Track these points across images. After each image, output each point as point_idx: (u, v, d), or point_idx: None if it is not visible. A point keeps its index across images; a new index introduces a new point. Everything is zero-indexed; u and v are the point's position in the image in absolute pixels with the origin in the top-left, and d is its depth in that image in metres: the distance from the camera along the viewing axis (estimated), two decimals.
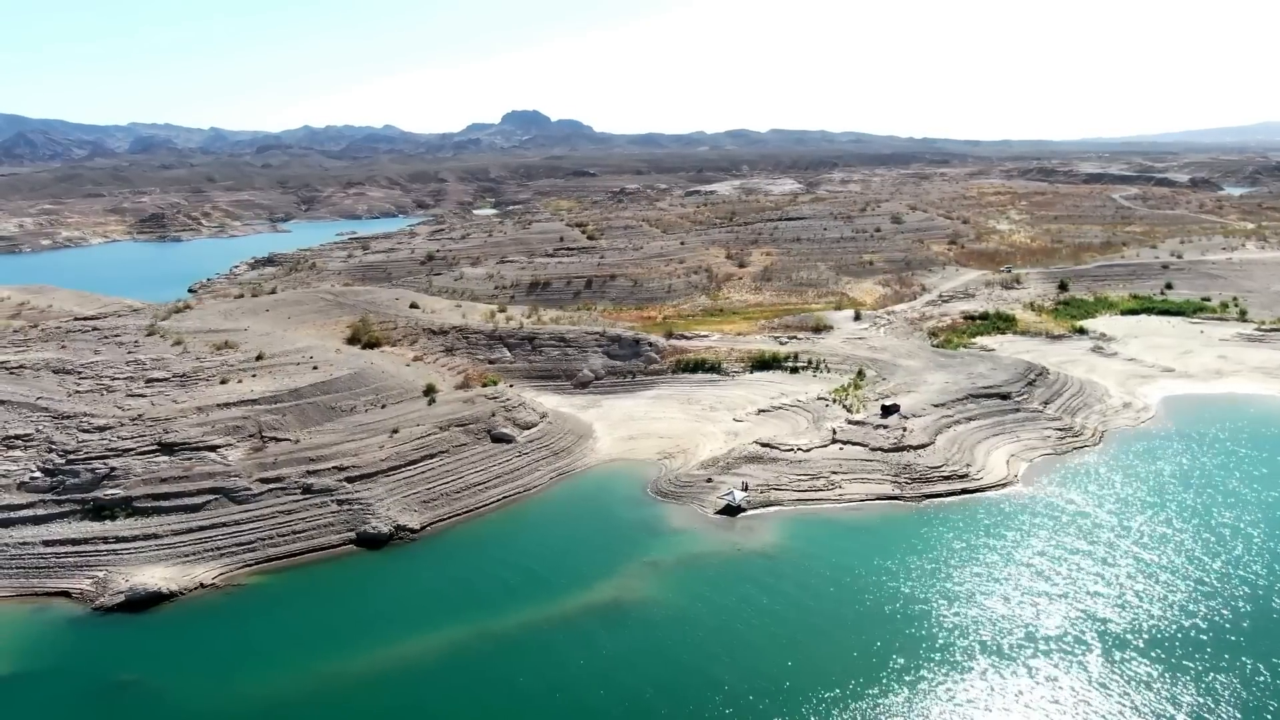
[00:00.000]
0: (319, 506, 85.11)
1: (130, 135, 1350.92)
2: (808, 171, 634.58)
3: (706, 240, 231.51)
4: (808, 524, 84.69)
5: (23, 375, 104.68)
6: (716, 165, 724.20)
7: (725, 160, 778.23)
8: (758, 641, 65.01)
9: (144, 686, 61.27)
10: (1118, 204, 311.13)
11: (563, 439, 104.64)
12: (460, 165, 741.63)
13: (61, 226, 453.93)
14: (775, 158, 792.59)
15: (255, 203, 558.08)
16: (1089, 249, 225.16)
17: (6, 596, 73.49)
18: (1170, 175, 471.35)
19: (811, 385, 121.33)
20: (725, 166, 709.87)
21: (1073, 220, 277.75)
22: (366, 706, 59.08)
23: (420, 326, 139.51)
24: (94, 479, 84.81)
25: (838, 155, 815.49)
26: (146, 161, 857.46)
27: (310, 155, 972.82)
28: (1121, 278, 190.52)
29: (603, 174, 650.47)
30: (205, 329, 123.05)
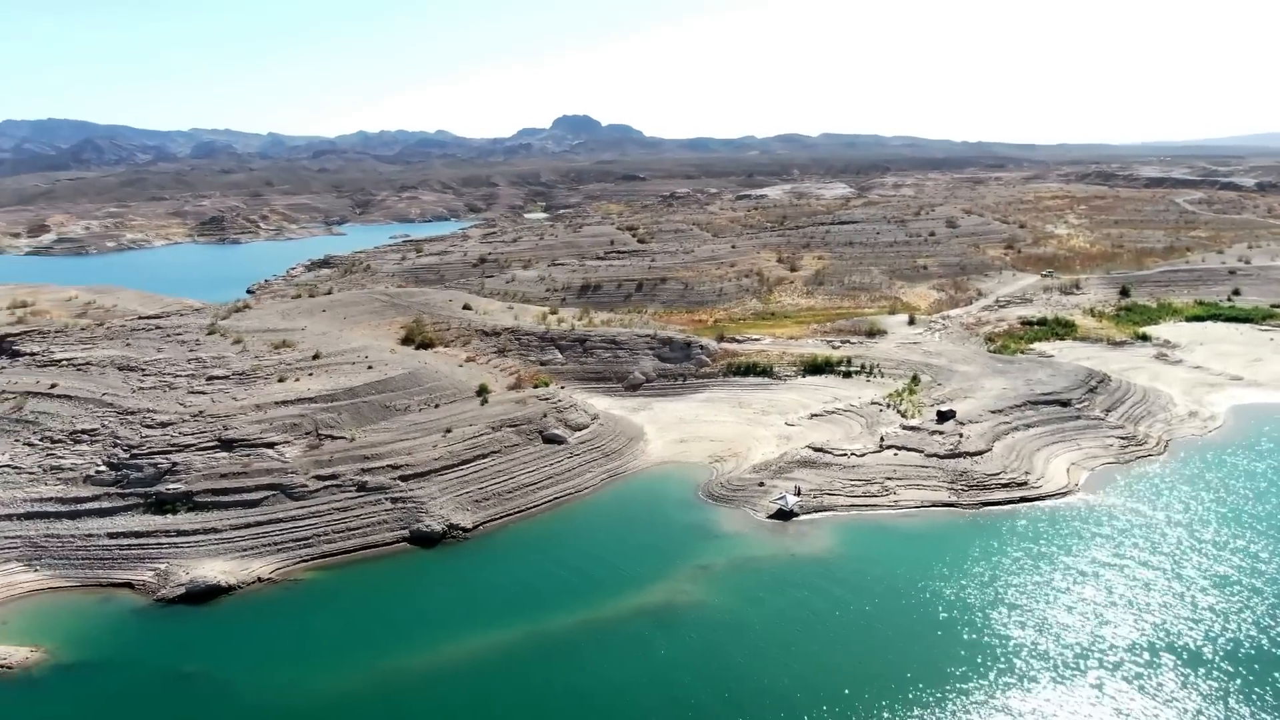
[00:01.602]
0: (373, 504, 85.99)
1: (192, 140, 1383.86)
2: (859, 175, 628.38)
3: (757, 244, 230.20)
4: (861, 530, 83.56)
5: (89, 372, 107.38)
6: (767, 169, 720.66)
7: (776, 164, 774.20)
8: (813, 647, 64.20)
9: (205, 678, 62.27)
10: (1181, 208, 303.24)
11: (614, 441, 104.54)
12: (511, 169, 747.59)
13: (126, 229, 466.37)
14: (826, 162, 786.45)
15: (311, 206, 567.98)
16: (1151, 254, 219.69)
17: (74, 586, 75.37)
18: (1236, 179, 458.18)
19: (865, 390, 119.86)
20: (776, 170, 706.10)
21: (1134, 225, 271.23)
22: (421, 704, 59.42)
23: (473, 328, 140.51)
24: (156, 473, 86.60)
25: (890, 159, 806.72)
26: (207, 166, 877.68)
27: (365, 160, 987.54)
28: (1186, 283, 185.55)
29: (653, 178, 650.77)
30: (263, 328, 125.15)
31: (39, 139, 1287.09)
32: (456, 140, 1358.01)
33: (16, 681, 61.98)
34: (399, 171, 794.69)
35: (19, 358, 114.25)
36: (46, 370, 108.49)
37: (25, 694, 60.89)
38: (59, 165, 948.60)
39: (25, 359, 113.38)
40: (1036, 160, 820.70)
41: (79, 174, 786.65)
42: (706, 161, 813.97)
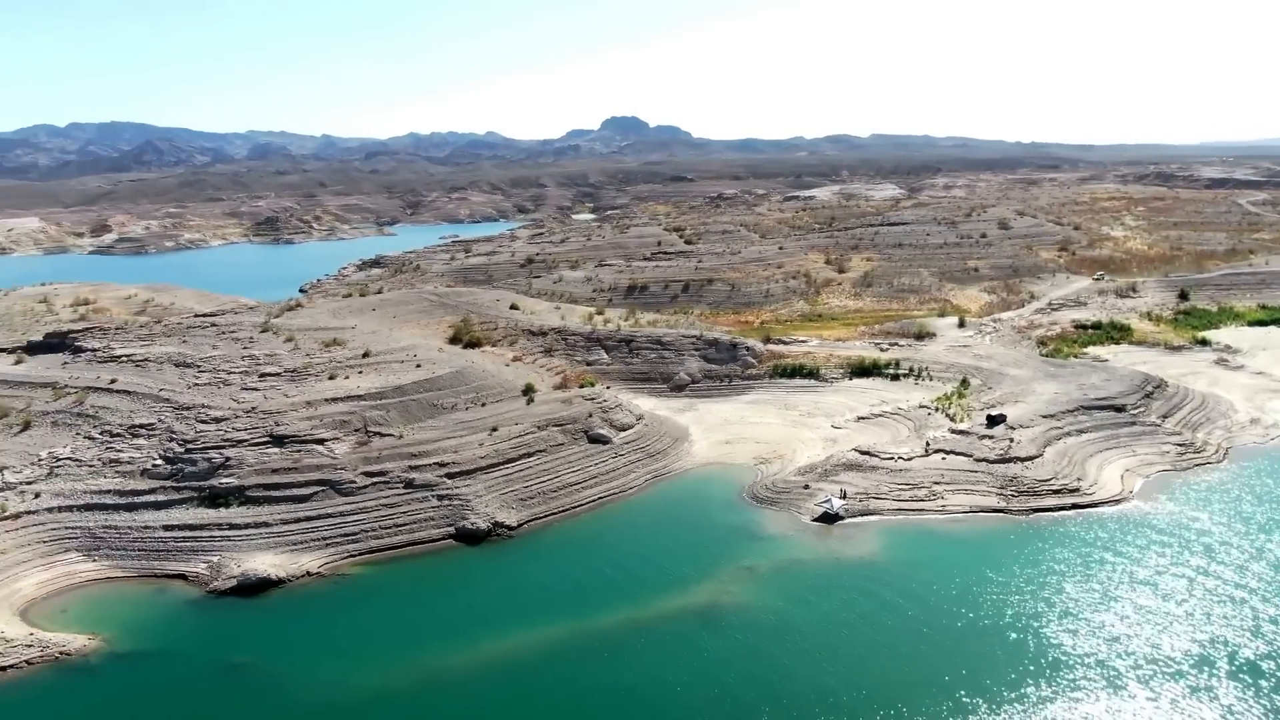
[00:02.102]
0: (420, 501, 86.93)
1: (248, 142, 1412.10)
2: (909, 176, 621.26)
3: (805, 245, 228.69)
4: (908, 534, 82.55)
5: (147, 368, 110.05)
6: (815, 170, 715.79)
7: (824, 165, 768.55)
8: (859, 651, 63.59)
9: (255, 670, 63.43)
10: (1244, 209, 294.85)
11: (659, 441, 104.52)
12: (560, 171, 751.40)
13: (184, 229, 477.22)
14: (876, 163, 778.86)
15: (363, 207, 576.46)
16: (1212, 256, 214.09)
17: (130, 577, 77.27)
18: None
19: (913, 393, 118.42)
20: (824, 171, 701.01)
21: (1194, 226, 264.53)
22: (465, 702, 59.87)
23: (520, 327, 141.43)
24: (210, 468, 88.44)
25: (941, 160, 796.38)
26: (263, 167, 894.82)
27: (416, 161, 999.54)
28: (1249, 286, 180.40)
29: (700, 179, 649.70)
30: (315, 326, 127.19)
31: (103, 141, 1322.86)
32: (506, 141, 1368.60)
33: (75, 668, 63.69)
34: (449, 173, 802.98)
35: (81, 353, 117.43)
36: (107, 366, 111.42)
37: (82, 681, 62.55)
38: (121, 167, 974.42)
39: (87, 355, 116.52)
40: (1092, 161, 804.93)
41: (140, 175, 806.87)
42: (754, 162, 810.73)
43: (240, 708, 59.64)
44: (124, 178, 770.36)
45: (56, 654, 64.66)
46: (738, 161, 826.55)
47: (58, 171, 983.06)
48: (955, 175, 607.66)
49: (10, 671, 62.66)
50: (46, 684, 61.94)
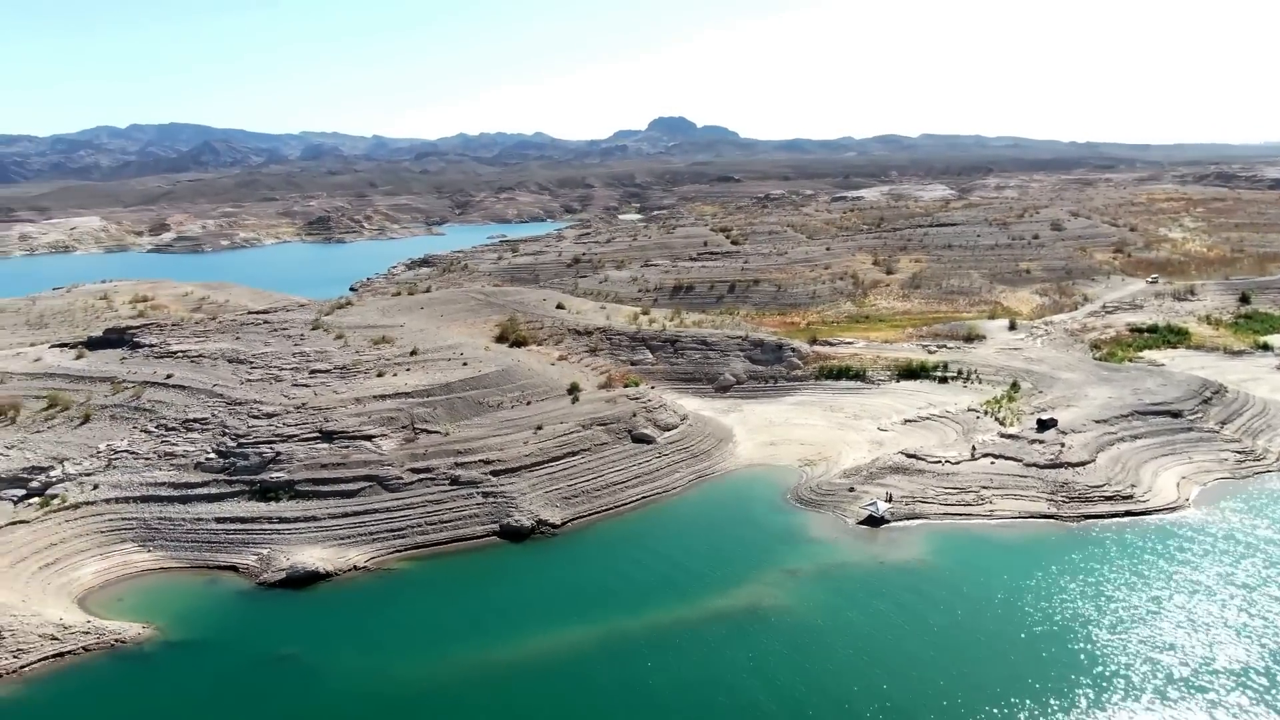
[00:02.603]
0: (465, 498, 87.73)
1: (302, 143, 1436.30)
2: (960, 177, 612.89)
3: (853, 246, 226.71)
4: (955, 540, 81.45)
5: (202, 364, 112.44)
6: (864, 170, 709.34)
7: (873, 165, 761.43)
8: (901, 658, 62.85)
9: (302, 661, 64.51)
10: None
11: (703, 442, 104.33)
12: (607, 171, 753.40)
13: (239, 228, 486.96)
14: (926, 163, 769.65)
15: (413, 207, 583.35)
16: (1275, 259, 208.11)
17: (183, 568, 79.07)
18: None
19: (961, 396, 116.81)
20: (873, 172, 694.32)
21: (1256, 228, 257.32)
22: (509, 698, 60.27)
23: (565, 327, 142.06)
24: (261, 462, 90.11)
25: (992, 160, 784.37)
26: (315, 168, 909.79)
27: (465, 161, 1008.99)
28: None
29: (747, 179, 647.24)
30: (364, 324, 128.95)
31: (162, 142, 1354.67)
32: (553, 142, 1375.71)
33: (129, 656, 65.31)
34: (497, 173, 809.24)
35: (139, 349, 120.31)
36: (163, 361, 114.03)
37: (137, 668, 64.11)
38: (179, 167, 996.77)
39: (144, 350, 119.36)
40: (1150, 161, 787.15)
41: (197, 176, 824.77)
42: (802, 163, 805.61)
43: (288, 698, 60.70)
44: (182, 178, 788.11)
45: (113, 641, 66.37)
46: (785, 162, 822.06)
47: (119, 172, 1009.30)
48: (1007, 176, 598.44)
49: (68, 658, 64.46)
50: (103, 670, 63.61)
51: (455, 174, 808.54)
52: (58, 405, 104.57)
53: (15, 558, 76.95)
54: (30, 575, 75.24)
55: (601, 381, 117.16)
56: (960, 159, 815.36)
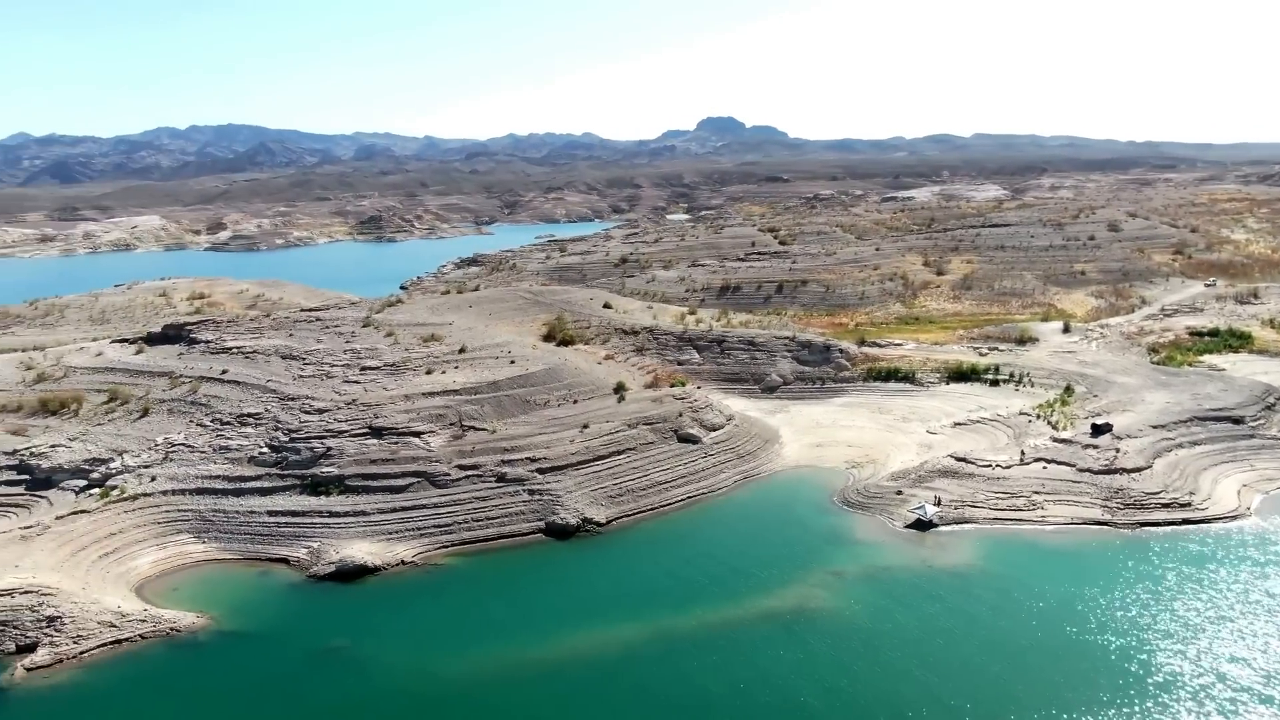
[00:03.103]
0: (511, 495, 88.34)
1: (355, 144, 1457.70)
2: (1014, 177, 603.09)
3: (903, 247, 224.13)
4: (1005, 545, 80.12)
5: (256, 360, 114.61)
6: (915, 171, 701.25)
7: (924, 166, 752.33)
8: (948, 662, 61.99)
9: (351, 653, 65.44)
10: None
11: (749, 442, 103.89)
12: (655, 171, 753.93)
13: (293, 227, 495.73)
14: (979, 163, 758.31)
15: (462, 206, 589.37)
16: None
17: (236, 559, 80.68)
18: None
19: (1013, 399, 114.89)
20: (924, 172, 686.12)
21: None
22: (552, 693, 60.59)
23: (612, 326, 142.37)
24: (312, 457, 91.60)
25: (1047, 160, 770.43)
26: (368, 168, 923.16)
27: (514, 162, 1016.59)
28: None
29: (796, 180, 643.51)
30: (414, 322, 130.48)
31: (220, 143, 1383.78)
32: (602, 142, 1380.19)
33: (184, 645, 66.80)
34: (546, 173, 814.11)
35: (195, 345, 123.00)
36: (219, 357, 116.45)
37: (191, 656, 65.54)
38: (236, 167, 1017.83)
39: (201, 346, 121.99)
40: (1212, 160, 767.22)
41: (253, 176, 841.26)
42: (852, 163, 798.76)
43: (338, 690, 61.59)
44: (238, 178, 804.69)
45: (168, 630, 67.93)
46: (835, 162, 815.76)
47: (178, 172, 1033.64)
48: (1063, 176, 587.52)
49: (125, 645, 66.13)
50: (158, 657, 65.14)
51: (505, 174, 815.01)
52: (118, 399, 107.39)
53: (76, 546, 79.15)
54: (90, 564, 77.32)
55: (648, 381, 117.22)
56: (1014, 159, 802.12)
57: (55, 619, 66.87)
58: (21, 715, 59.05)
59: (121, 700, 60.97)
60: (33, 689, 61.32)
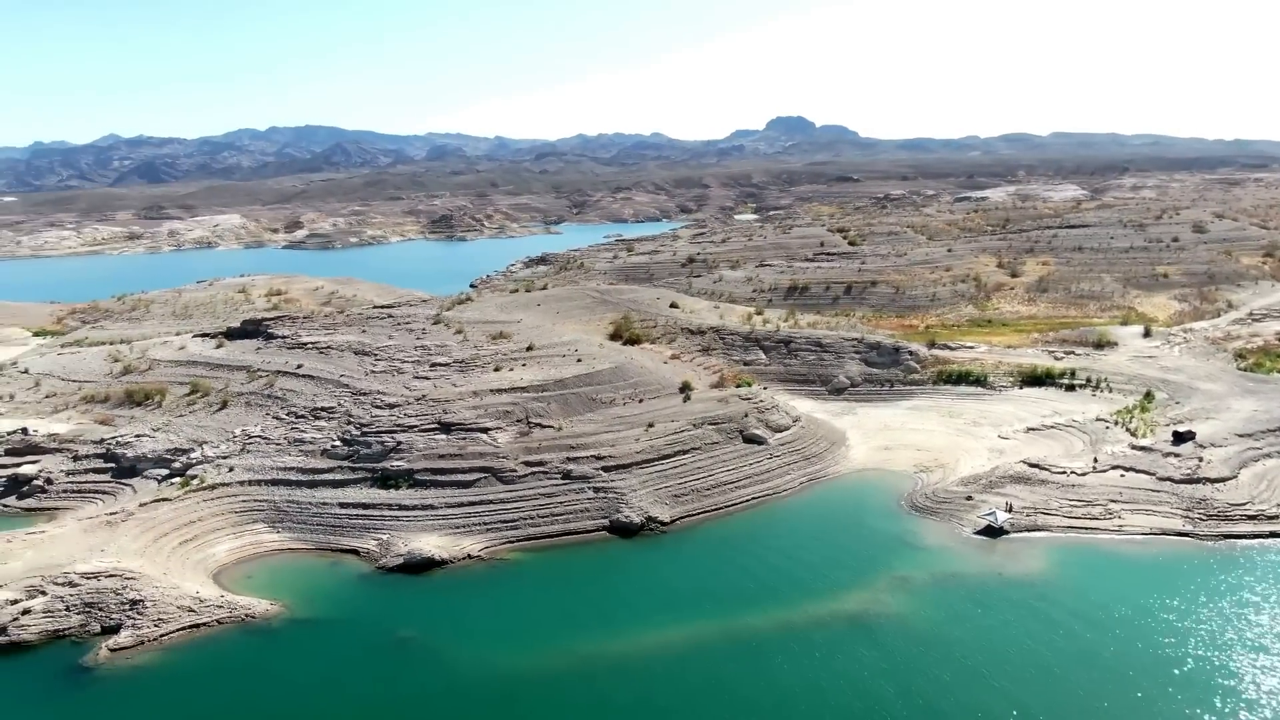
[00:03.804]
0: (577, 492, 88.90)
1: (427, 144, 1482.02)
2: (1093, 177, 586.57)
3: (976, 248, 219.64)
4: (1079, 554, 78.01)
5: (330, 355, 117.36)
6: (989, 170, 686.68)
7: (999, 165, 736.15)
8: (1021, 672, 60.55)
9: (419, 644, 66.56)
10: None
11: (815, 444, 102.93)
12: (723, 171, 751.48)
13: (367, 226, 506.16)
14: (1056, 162, 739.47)
15: (531, 206, 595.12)
16: None
17: (309, 549, 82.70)
18: None
19: (1090, 405, 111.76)
20: (999, 172, 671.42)
21: None
22: (613, 689, 60.83)
23: (679, 326, 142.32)
24: (383, 451, 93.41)
25: (1129, 159, 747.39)
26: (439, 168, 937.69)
27: (583, 162, 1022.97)
28: None
29: (867, 180, 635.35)
30: (483, 320, 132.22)
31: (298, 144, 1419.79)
32: (670, 142, 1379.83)
33: (258, 631, 68.68)
34: (615, 173, 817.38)
35: (272, 340, 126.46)
36: (294, 352, 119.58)
37: (264, 642, 67.38)
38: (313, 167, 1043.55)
39: (277, 341, 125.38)
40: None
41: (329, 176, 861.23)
42: (924, 162, 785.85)
43: (404, 678, 62.72)
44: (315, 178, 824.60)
45: (243, 616, 69.93)
46: (906, 161, 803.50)
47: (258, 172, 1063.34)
48: (1145, 175, 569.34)
49: (203, 629, 68.26)
50: (234, 642, 67.09)
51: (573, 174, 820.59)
52: (199, 391, 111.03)
53: (158, 533, 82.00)
54: (171, 550, 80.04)
55: (714, 381, 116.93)
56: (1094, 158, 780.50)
57: (138, 602, 69.35)
58: (106, 693, 61.36)
59: (198, 682, 62.91)
60: (116, 668, 63.70)
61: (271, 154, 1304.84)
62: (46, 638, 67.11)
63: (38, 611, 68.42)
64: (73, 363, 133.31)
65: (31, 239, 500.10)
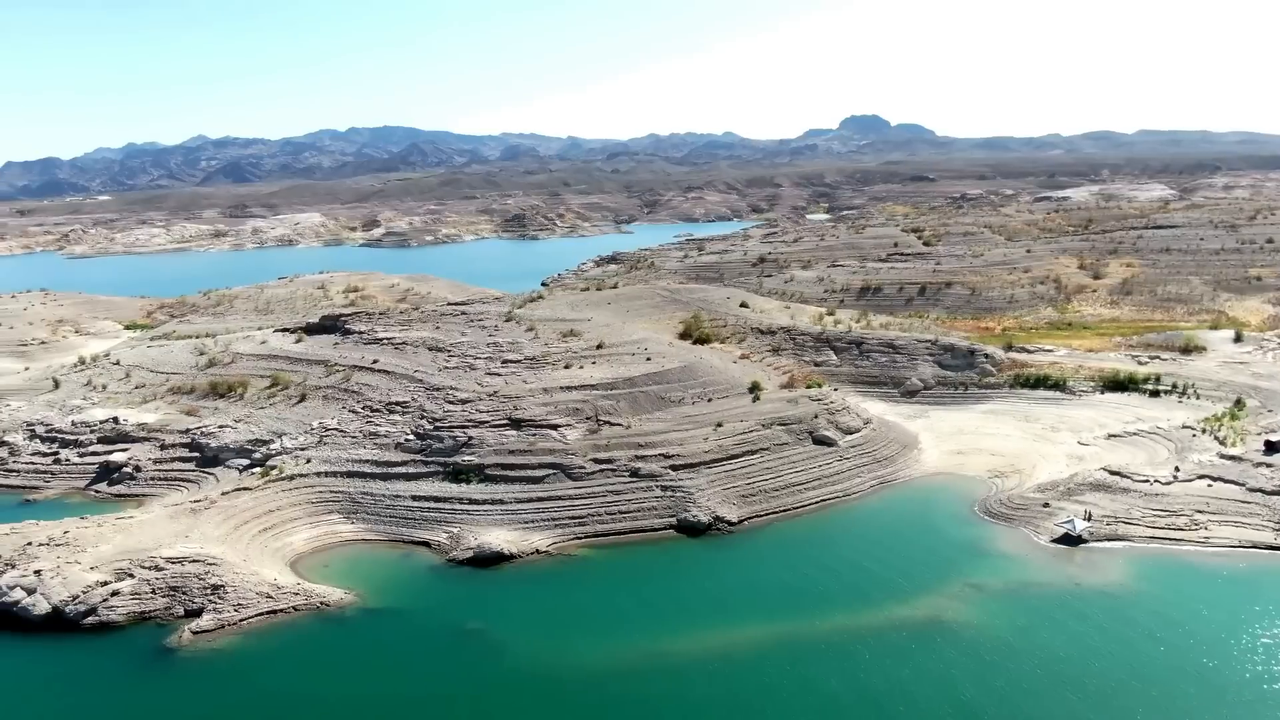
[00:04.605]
0: (644, 490, 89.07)
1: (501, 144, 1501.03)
2: (1181, 176, 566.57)
3: (1056, 249, 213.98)
4: (1162, 566, 75.39)
5: (404, 350, 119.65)
6: (1071, 169, 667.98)
7: (1082, 164, 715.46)
8: (1098, 685, 58.78)
9: (487, 636, 67.46)
10: None
11: (886, 447, 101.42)
12: (796, 171, 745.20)
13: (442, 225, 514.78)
14: (1142, 161, 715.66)
15: (603, 205, 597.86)
16: None
17: (381, 540, 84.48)
18: None
19: (1175, 412, 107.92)
20: (1082, 171, 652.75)
21: None
22: (679, 688, 60.72)
23: (749, 325, 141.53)
24: (455, 445, 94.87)
25: (1220, 157, 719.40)
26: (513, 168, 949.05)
27: (655, 161, 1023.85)
28: None
29: (943, 179, 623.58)
30: (554, 317, 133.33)
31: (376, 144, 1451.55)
32: (743, 142, 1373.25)
33: (332, 619, 70.39)
34: (686, 173, 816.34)
35: (349, 335, 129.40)
36: (370, 347, 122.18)
37: (338, 629, 69.04)
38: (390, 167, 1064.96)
39: (354, 337, 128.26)
40: None
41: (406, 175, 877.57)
42: (1002, 161, 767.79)
43: (472, 669, 63.67)
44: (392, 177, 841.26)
45: (319, 604, 71.74)
46: (984, 160, 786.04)
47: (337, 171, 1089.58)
48: (1237, 174, 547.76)
49: (280, 615, 70.19)
50: (309, 629, 68.86)
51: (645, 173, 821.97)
52: (279, 384, 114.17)
53: (239, 521, 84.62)
54: (250, 538, 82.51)
55: (783, 381, 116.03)
56: (1182, 156, 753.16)
57: (219, 587, 71.66)
58: (188, 674, 63.56)
59: (275, 666, 64.75)
60: (197, 650, 65.93)
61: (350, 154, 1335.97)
62: (133, 619, 69.80)
63: (125, 593, 71.19)
64: (161, 355, 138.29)
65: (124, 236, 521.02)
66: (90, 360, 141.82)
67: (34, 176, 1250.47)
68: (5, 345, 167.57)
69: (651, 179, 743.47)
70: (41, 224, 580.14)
